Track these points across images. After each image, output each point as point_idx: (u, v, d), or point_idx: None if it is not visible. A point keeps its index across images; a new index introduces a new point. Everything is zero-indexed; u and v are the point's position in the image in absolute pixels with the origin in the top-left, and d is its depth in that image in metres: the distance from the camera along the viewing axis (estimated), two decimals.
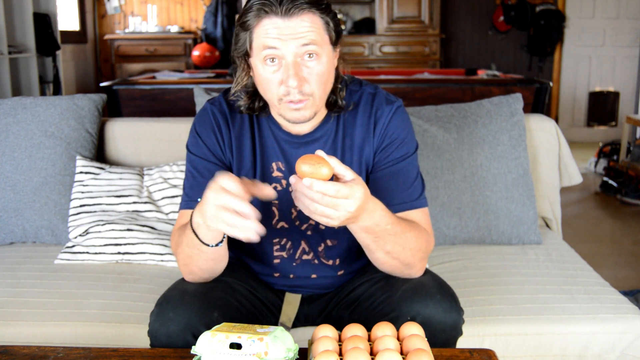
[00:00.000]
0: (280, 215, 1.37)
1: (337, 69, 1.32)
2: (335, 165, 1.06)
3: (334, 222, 1.07)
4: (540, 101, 3.29)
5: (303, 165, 1.02)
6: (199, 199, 1.13)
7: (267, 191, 1.08)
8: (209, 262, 1.23)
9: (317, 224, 1.37)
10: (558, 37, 6.47)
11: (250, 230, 1.03)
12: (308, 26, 1.20)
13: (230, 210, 1.03)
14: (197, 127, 1.37)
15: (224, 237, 1.18)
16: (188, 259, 1.24)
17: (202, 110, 1.39)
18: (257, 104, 1.34)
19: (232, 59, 1.32)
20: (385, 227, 1.17)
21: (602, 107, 6.64)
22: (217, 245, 1.17)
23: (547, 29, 6.36)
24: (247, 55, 1.27)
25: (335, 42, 1.27)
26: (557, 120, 6.59)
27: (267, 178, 1.36)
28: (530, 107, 3.28)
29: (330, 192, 1.02)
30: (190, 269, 1.26)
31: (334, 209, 1.04)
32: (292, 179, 1.05)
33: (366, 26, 6.48)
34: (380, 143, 1.35)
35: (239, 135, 1.36)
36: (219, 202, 1.04)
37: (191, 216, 1.17)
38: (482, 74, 4.47)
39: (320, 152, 1.05)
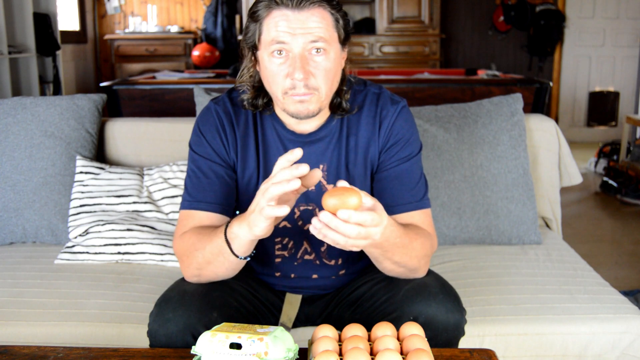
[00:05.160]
0: None
1: (343, 70, 1.32)
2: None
3: (360, 247, 1.06)
4: (540, 101, 3.29)
5: (330, 198, 0.98)
6: (239, 212, 1.11)
7: (316, 174, 1.05)
8: (229, 271, 1.25)
9: None
10: (558, 37, 6.47)
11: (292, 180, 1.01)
12: (318, 21, 1.20)
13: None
14: (201, 127, 1.36)
15: (253, 252, 1.20)
16: (205, 264, 1.24)
17: (206, 109, 1.38)
18: (261, 101, 1.34)
19: (240, 50, 1.32)
20: (394, 240, 1.17)
21: (602, 107, 6.64)
22: (246, 258, 1.19)
23: (547, 29, 6.36)
24: (255, 47, 1.26)
25: (343, 42, 1.27)
26: (557, 120, 6.59)
27: None
28: (530, 107, 3.28)
29: (367, 222, 1.00)
30: (203, 272, 1.26)
31: (365, 237, 1.03)
32: (313, 221, 1.01)
33: (366, 26, 6.48)
34: (385, 143, 1.34)
35: (244, 136, 1.35)
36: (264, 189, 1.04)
37: (226, 226, 1.17)
38: (482, 74, 4.46)
39: (342, 182, 1.03)
